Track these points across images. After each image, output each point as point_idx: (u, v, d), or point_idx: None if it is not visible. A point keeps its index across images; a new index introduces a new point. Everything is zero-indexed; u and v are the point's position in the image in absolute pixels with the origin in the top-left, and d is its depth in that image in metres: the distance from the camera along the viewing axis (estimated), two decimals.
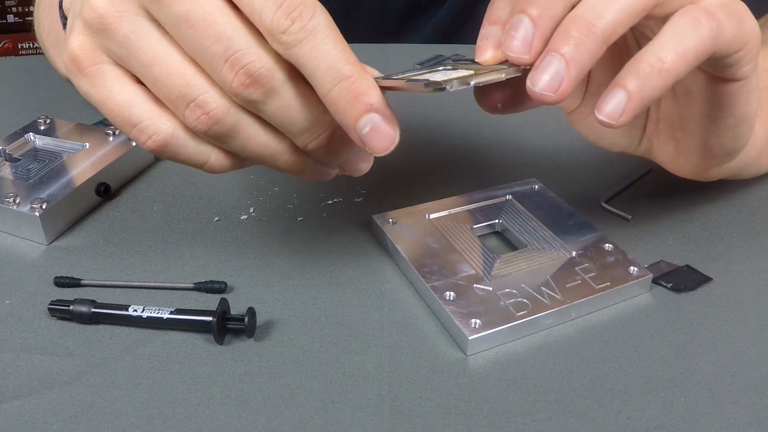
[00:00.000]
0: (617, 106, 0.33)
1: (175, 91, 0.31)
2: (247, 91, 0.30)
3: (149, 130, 0.32)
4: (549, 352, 0.37)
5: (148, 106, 0.32)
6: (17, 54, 1.49)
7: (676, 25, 0.34)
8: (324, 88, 0.30)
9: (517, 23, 0.33)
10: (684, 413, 0.33)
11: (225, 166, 0.34)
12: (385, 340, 0.37)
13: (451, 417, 0.33)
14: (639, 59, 0.33)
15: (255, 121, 0.32)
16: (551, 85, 0.32)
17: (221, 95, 0.31)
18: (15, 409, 0.33)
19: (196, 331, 0.38)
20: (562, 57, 0.32)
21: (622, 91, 0.33)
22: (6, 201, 0.44)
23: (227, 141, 0.33)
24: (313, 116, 0.32)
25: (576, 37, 0.32)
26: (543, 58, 0.33)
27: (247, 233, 0.46)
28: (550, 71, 0.32)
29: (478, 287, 0.39)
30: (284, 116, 0.32)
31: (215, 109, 0.31)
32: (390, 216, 0.45)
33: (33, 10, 0.65)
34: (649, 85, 0.33)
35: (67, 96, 0.65)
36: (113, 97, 0.33)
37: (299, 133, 0.32)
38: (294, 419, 0.33)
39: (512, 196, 0.47)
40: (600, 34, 0.32)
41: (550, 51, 0.33)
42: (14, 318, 0.39)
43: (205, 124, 0.31)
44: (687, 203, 0.48)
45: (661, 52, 0.33)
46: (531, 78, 0.33)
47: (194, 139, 0.33)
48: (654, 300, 0.40)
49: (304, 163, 0.35)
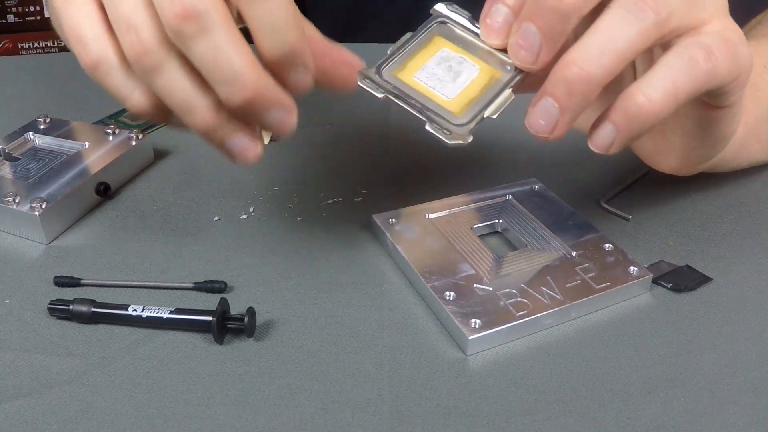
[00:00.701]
0: (606, 139, 0.34)
1: (121, 15, 0.32)
2: (181, 23, 0.30)
3: (88, 47, 0.34)
4: (549, 352, 0.36)
5: (97, 27, 0.34)
6: (17, 54, 1.49)
7: (670, 63, 0.34)
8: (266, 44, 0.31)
9: (526, 33, 0.34)
10: (684, 413, 0.33)
11: (144, 107, 0.35)
12: (385, 340, 0.37)
13: (451, 417, 0.33)
14: (628, 97, 0.33)
15: (182, 66, 0.32)
16: (547, 128, 0.34)
17: (158, 30, 0.32)
18: (15, 408, 0.33)
19: (196, 330, 0.38)
20: (557, 103, 0.33)
21: (611, 126, 0.34)
22: (6, 200, 0.44)
23: (152, 78, 0.33)
24: (241, 66, 0.31)
25: (570, 85, 0.33)
26: (539, 100, 0.34)
27: (247, 233, 0.46)
28: (545, 117, 0.33)
29: (478, 287, 0.39)
30: (212, 60, 0.31)
31: (148, 39, 0.32)
32: (390, 216, 0.45)
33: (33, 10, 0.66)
34: (637, 123, 0.34)
35: (67, 96, 0.65)
36: (72, 12, 0.34)
37: (224, 82, 0.31)
38: (294, 419, 0.33)
39: (512, 196, 0.47)
40: (595, 82, 0.32)
41: (546, 94, 0.33)
42: (14, 318, 0.39)
43: (137, 52, 0.32)
44: (687, 203, 0.48)
45: (650, 92, 0.33)
46: (528, 119, 0.34)
47: (124, 70, 0.34)
48: (654, 300, 0.40)
49: (223, 129, 0.34)
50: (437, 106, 0.34)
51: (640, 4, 0.33)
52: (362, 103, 0.64)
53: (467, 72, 0.35)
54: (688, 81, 0.33)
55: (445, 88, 0.35)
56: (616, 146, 0.34)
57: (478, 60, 0.36)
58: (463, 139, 0.34)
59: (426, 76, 0.35)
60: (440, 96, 0.35)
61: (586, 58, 0.32)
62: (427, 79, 0.35)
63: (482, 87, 0.35)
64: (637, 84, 0.33)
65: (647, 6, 0.33)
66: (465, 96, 0.35)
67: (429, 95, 0.35)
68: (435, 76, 0.35)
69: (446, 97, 0.35)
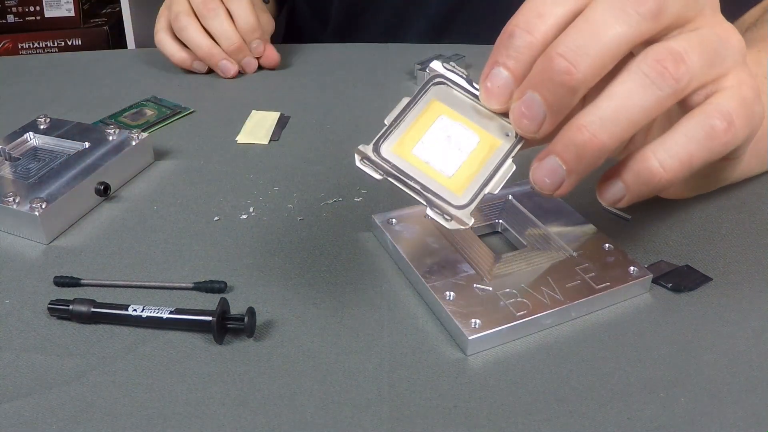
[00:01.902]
0: (615, 195, 0.35)
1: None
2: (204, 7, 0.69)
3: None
4: (549, 352, 0.36)
5: None
6: (17, 54, 1.49)
7: (689, 133, 0.33)
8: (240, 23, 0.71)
9: (530, 103, 0.33)
10: (684, 413, 0.33)
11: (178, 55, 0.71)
12: (385, 340, 0.37)
13: (451, 417, 0.33)
14: (642, 160, 0.33)
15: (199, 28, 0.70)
16: (551, 186, 0.33)
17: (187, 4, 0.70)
18: (15, 409, 0.33)
19: (195, 330, 0.38)
20: (564, 165, 0.32)
21: (622, 185, 0.34)
22: (6, 200, 0.44)
23: (181, 33, 0.70)
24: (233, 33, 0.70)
25: (580, 150, 0.32)
26: (546, 157, 0.33)
27: (247, 233, 0.46)
28: (551, 176, 0.33)
29: (478, 287, 0.39)
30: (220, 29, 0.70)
31: (180, 11, 0.70)
32: (390, 216, 0.45)
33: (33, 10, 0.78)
34: (648, 187, 0.34)
35: (67, 96, 0.65)
36: None
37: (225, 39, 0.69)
38: (294, 419, 0.33)
39: (512, 196, 0.47)
40: (605, 150, 0.32)
41: (554, 153, 0.32)
42: (14, 318, 0.39)
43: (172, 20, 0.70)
44: (687, 203, 0.48)
45: (665, 158, 0.32)
46: (534, 175, 0.34)
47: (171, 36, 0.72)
48: (654, 300, 0.40)
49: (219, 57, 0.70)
50: (437, 186, 0.34)
51: (660, 70, 0.31)
52: (362, 103, 0.64)
53: (467, 143, 0.35)
54: (706, 152, 0.33)
55: (444, 164, 0.34)
56: (624, 203, 0.34)
57: (477, 128, 0.35)
58: (463, 224, 0.33)
59: (425, 151, 0.34)
60: (440, 173, 0.34)
61: (598, 125, 0.31)
62: (425, 154, 0.34)
63: (482, 159, 0.34)
64: (653, 148, 0.33)
65: (668, 73, 0.31)
66: (465, 171, 0.34)
67: (428, 173, 0.34)
68: (434, 150, 0.34)
69: (446, 175, 0.34)
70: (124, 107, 0.62)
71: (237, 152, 0.56)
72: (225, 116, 0.61)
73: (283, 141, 0.57)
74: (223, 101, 0.65)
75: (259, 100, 0.64)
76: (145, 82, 0.69)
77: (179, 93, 0.66)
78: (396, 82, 0.67)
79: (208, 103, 0.64)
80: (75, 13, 1.49)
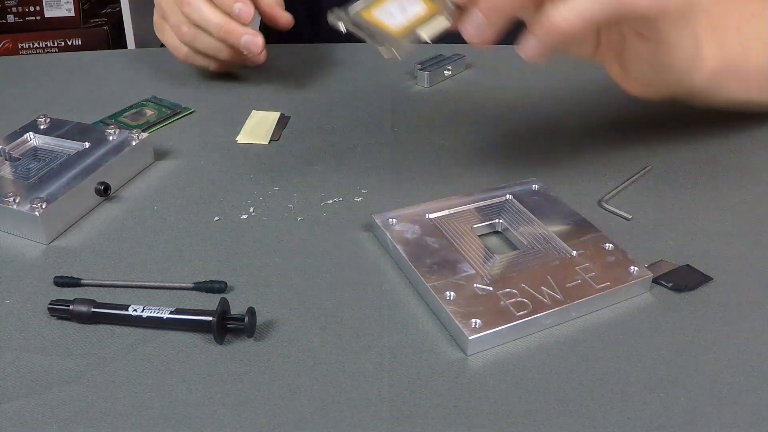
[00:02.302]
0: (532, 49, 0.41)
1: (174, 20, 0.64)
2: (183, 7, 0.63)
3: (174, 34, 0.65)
4: (549, 352, 0.36)
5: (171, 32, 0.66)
6: (17, 54, 1.49)
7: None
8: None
9: None
10: (684, 413, 0.33)
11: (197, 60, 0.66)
12: (385, 340, 0.37)
13: (451, 417, 0.33)
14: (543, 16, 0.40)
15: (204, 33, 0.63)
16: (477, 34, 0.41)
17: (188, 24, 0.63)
18: (14, 409, 0.33)
19: (196, 331, 0.38)
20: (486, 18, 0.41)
21: (533, 38, 0.41)
22: (6, 200, 0.44)
23: (193, 44, 0.64)
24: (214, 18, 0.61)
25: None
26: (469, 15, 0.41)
27: (247, 233, 0.46)
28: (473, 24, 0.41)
29: (478, 287, 0.39)
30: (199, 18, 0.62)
31: (185, 32, 0.63)
32: (390, 216, 0.45)
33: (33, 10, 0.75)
34: (550, 39, 0.40)
35: (67, 96, 0.65)
36: None
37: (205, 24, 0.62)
38: (294, 419, 0.33)
39: (512, 196, 0.47)
40: None
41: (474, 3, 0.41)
42: (14, 318, 0.39)
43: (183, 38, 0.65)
44: (687, 203, 0.48)
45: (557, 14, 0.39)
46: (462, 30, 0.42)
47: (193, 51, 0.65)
48: (654, 300, 0.40)
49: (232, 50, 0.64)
50: (384, 33, 0.43)
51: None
52: (362, 103, 0.64)
53: (413, 9, 0.44)
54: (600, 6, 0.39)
55: (393, 21, 0.44)
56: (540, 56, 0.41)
57: (427, 1, 0.44)
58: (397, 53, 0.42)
59: (382, 13, 0.44)
60: (389, 26, 0.44)
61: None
62: (382, 15, 0.44)
63: (423, 19, 0.44)
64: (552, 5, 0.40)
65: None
66: (408, 26, 0.44)
67: (380, 26, 0.44)
68: (389, 13, 0.44)
69: (393, 28, 0.44)
70: (124, 107, 0.62)
71: (237, 152, 0.56)
72: (225, 116, 0.61)
73: (284, 141, 0.57)
74: (223, 101, 0.65)
75: (259, 100, 0.64)
76: (145, 82, 0.69)
77: (179, 93, 0.66)
78: (396, 82, 0.67)
79: (208, 103, 0.64)
80: (75, 13, 1.49)
